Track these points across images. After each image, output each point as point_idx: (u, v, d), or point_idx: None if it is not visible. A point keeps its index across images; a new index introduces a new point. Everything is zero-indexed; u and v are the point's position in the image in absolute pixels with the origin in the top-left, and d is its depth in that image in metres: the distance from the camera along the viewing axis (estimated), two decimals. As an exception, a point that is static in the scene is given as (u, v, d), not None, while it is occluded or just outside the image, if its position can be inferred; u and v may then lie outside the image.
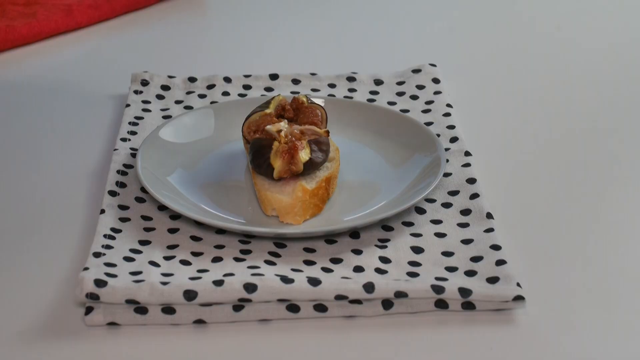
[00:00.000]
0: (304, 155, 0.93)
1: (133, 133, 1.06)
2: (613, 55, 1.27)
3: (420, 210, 0.95)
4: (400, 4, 1.43)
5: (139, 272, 0.85)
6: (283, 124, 0.96)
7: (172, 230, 0.92)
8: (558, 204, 0.97)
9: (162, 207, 0.95)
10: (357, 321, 0.83)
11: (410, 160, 1.00)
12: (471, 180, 0.98)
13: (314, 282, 0.83)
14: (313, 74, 1.19)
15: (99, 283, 0.82)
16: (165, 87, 1.16)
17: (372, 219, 0.90)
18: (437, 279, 0.84)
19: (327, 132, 0.97)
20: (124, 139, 1.05)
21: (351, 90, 1.16)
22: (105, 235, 0.90)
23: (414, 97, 1.14)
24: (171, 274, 0.85)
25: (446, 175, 0.99)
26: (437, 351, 0.80)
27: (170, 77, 1.17)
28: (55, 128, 1.10)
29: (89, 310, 0.82)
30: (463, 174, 0.99)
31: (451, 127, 1.07)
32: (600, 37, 1.32)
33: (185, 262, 0.87)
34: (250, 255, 0.88)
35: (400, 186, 0.97)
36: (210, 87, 1.16)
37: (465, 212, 0.94)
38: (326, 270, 0.86)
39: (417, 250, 0.89)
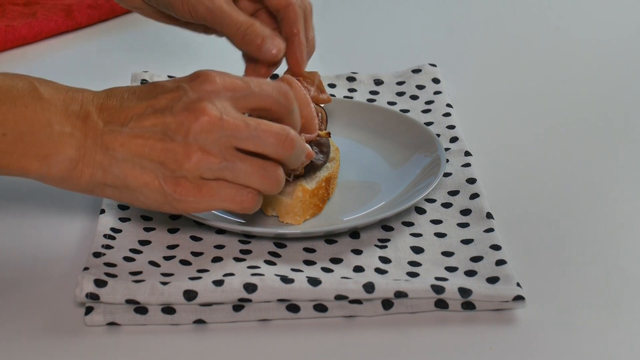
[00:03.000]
0: (304, 157, 0.93)
1: (133, 133, 1.06)
2: (614, 56, 1.27)
3: (420, 210, 0.95)
4: (400, 4, 1.43)
5: (139, 272, 0.85)
6: None
7: (172, 230, 0.92)
8: (558, 204, 0.97)
9: (162, 207, 0.95)
10: (357, 321, 0.83)
11: (410, 160, 1.00)
12: (471, 180, 0.98)
13: (314, 282, 0.83)
14: (313, 74, 1.19)
15: (99, 283, 0.82)
16: (165, 87, 1.16)
17: (372, 219, 0.90)
18: (437, 279, 0.84)
19: (329, 133, 0.97)
20: (124, 139, 1.04)
21: (351, 90, 1.16)
22: (105, 235, 0.90)
23: (414, 97, 1.14)
24: (171, 274, 0.85)
25: (446, 175, 0.99)
26: (437, 351, 0.80)
27: (170, 77, 1.17)
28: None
29: (89, 310, 0.82)
30: (463, 174, 0.99)
31: (451, 127, 1.07)
32: (601, 38, 1.32)
33: (185, 262, 0.87)
34: (250, 255, 0.88)
35: (400, 186, 0.97)
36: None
37: (465, 212, 0.94)
38: (326, 270, 0.86)
39: (417, 250, 0.89)
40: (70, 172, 0.80)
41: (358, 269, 0.86)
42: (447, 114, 1.10)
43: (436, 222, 0.93)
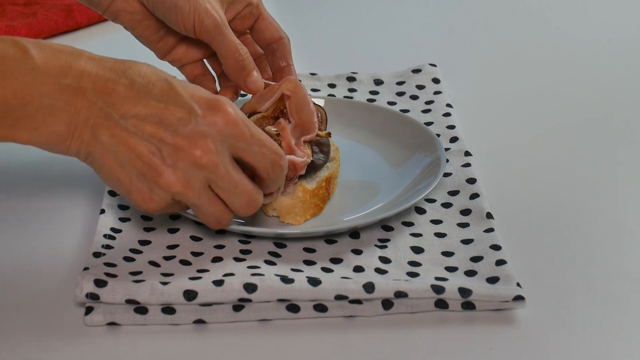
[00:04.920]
0: (305, 157, 0.93)
1: (133, 133, 1.06)
2: (614, 57, 1.27)
3: (420, 210, 0.95)
4: (400, 4, 1.43)
5: (139, 272, 0.85)
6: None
7: (172, 230, 0.92)
8: (558, 204, 0.97)
9: (162, 207, 0.95)
10: (357, 321, 0.83)
11: (410, 160, 1.00)
12: (471, 180, 0.98)
13: (314, 282, 0.83)
14: (313, 74, 1.19)
15: (99, 283, 0.82)
16: (165, 87, 1.16)
17: (372, 219, 0.90)
18: (437, 279, 0.84)
19: (329, 134, 0.97)
20: (124, 139, 1.04)
21: (351, 90, 1.16)
22: (105, 235, 0.90)
23: (414, 97, 1.14)
24: (171, 274, 0.85)
25: (446, 175, 0.99)
26: (437, 351, 0.80)
27: (170, 77, 1.17)
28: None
29: (89, 310, 0.82)
30: (463, 174, 0.99)
31: (451, 127, 1.07)
32: (601, 38, 1.32)
33: (185, 262, 0.87)
34: (250, 255, 0.88)
35: (400, 186, 0.97)
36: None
37: (465, 212, 0.94)
38: (326, 270, 0.86)
39: (417, 250, 0.89)
40: (58, 145, 0.80)
41: (358, 269, 0.86)
42: (447, 114, 1.10)
43: (436, 222, 0.93)
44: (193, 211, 0.84)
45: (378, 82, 1.18)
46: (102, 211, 0.93)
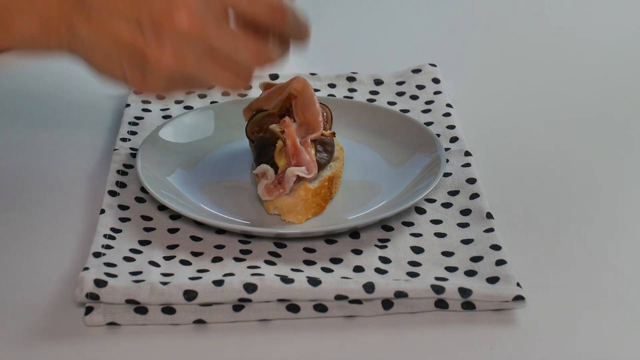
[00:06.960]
0: (308, 156, 0.93)
1: (133, 133, 1.06)
2: (615, 56, 1.27)
3: (420, 210, 0.95)
4: (400, 4, 1.43)
5: (139, 272, 0.85)
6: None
7: (172, 230, 0.92)
8: (558, 204, 0.97)
9: (162, 207, 0.95)
10: (357, 321, 0.83)
11: (410, 160, 1.00)
12: (471, 180, 0.98)
13: (314, 282, 0.83)
14: (313, 74, 1.19)
15: (99, 283, 0.82)
16: (165, 87, 1.16)
17: (372, 219, 0.90)
18: (437, 279, 0.84)
19: (334, 133, 0.97)
20: (124, 139, 1.04)
21: (351, 90, 1.16)
22: (105, 235, 0.90)
23: (414, 97, 1.14)
24: (171, 274, 0.85)
25: (446, 175, 0.99)
26: (437, 351, 0.80)
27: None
28: (55, 128, 1.10)
29: (89, 310, 0.82)
30: (463, 174, 0.99)
31: (451, 127, 1.07)
32: (602, 38, 1.32)
33: (185, 262, 0.87)
34: (250, 255, 0.88)
35: (400, 186, 0.97)
36: (211, 86, 1.15)
37: (465, 212, 0.94)
38: (326, 270, 0.86)
39: (417, 250, 0.89)
40: (36, 44, 0.77)
41: (358, 269, 0.86)
42: (447, 114, 1.10)
43: (436, 222, 0.93)
44: (201, 81, 0.79)
45: (378, 82, 1.18)
46: (102, 211, 0.93)
